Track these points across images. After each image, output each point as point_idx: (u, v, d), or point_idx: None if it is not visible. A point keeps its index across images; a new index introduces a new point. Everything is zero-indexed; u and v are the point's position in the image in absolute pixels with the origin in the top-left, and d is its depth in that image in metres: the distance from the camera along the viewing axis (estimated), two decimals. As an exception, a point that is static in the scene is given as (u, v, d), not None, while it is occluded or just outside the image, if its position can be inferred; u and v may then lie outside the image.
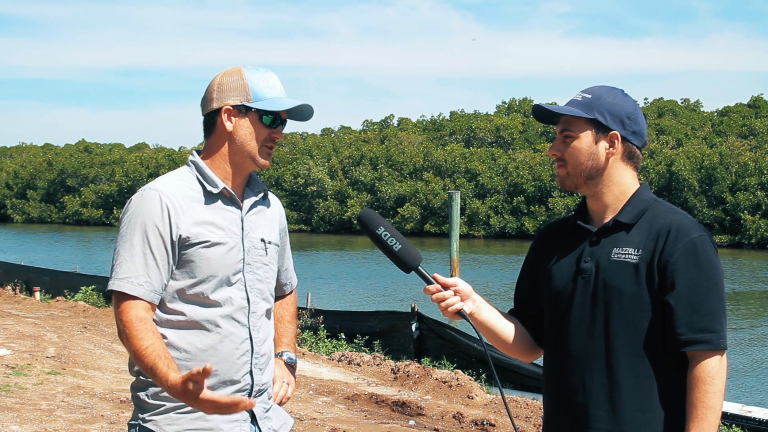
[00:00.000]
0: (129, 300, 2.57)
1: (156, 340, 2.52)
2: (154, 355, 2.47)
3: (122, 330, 2.56)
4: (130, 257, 2.59)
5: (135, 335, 2.51)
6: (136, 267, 2.58)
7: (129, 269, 2.58)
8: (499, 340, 2.68)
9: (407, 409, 8.81)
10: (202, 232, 2.64)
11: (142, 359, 2.49)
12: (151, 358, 2.47)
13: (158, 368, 2.46)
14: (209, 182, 2.70)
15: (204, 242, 2.63)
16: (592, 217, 2.60)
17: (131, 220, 2.62)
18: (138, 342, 2.50)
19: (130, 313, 2.55)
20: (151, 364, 2.47)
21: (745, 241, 51.96)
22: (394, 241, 2.55)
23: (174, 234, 2.61)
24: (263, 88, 2.70)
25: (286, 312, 3.05)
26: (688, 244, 2.43)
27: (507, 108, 79.42)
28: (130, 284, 2.57)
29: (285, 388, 2.93)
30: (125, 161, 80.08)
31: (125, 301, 2.57)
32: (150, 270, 2.59)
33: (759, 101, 70.84)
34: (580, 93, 2.58)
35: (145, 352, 2.49)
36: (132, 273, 2.58)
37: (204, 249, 2.63)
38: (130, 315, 2.55)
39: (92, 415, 7.55)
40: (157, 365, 2.46)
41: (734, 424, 9.13)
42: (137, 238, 2.60)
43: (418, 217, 62.25)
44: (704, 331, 2.39)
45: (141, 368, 2.54)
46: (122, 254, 2.61)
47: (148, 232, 2.60)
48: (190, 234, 2.62)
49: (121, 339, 2.57)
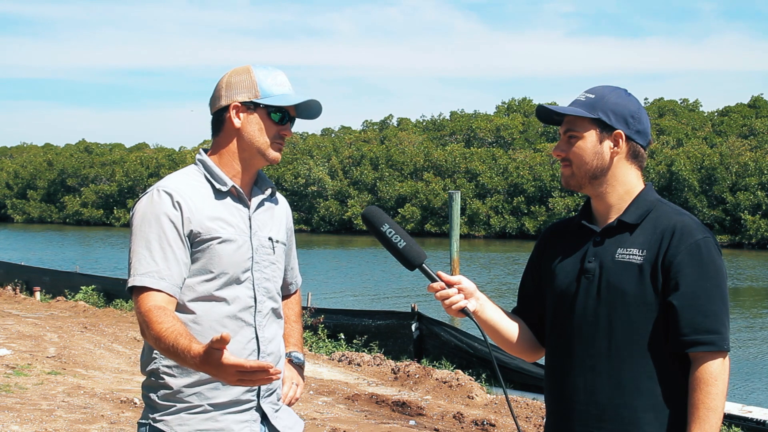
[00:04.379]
0: (149, 292, 2.54)
1: (176, 322, 2.47)
2: (175, 334, 2.42)
3: (142, 321, 2.52)
4: (149, 253, 2.57)
5: (155, 320, 2.47)
6: (156, 262, 2.56)
7: (149, 264, 2.56)
8: (502, 338, 2.67)
9: (407, 409, 8.81)
10: (213, 227, 2.63)
11: (163, 340, 2.43)
12: (172, 337, 2.41)
13: (180, 343, 2.39)
14: (217, 180, 2.69)
15: (215, 238, 2.63)
16: (597, 218, 2.59)
17: (145, 218, 2.60)
18: (158, 325, 2.46)
19: (149, 303, 2.52)
20: (173, 341, 2.41)
21: (746, 241, 51.98)
22: (399, 239, 2.54)
23: (186, 228, 2.60)
24: (271, 86, 2.70)
25: (292, 312, 3.04)
26: (692, 246, 2.42)
27: (507, 108, 79.40)
28: (152, 278, 2.55)
29: (294, 389, 2.92)
30: (125, 161, 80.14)
31: (145, 295, 2.54)
32: (170, 264, 2.57)
33: (759, 101, 70.83)
34: (584, 93, 2.58)
35: (166, 332, 2.43)
36: (153, 268, 2.56)
37: (215, 245, 2.63)
38: (149, 304, 2.52)
39: (92, 415, 7.55)
40: (178, 341, 2.40)
41: (734, 425, 9.12)
42: (153, 234, 2.58)
43: (418, 217, 62.26)
44: (707, 333, 2.39)
45: (162, 350, 2.47)
46: (139, 251, 2.58)
47: (164, 226, 2.58)
48: (202, 229, 2.62)
49: (143, 331, 2.53)
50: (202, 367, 2.34)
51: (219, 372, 2.30)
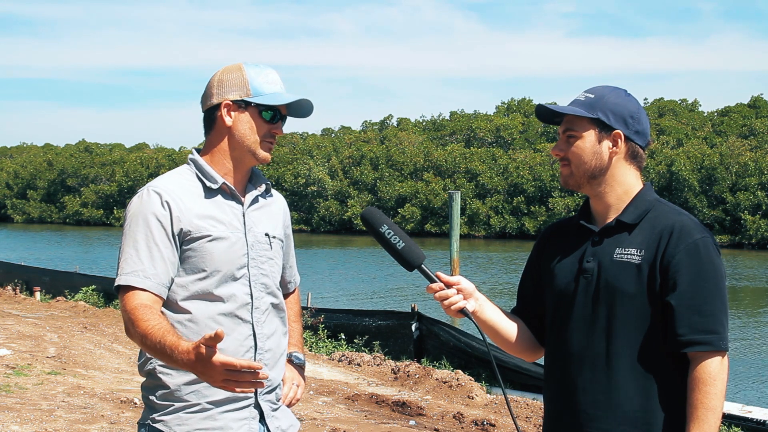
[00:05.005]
0: (134, 291, 2.55)
1: (163, 320, 2.47)
2: (162, 331, 2.41)
3: (127, 319, 2.52)
4: (135, 252, 2.58)
5: (140, 317, 2.47)
6: (142, 261, 2.57)
7: (135, 264, 2.57)
8: (501, 338, 2.68)
9: (407, 409, 8.81)
10: (203, 226, 2.64)
11: (149, 338, 2.42)
12: (158, 335, 2.41)
13: (167, 340, 2.38)
14: (208, 178, 2.70)
15: (206, 236, 2.63)
16: (595, 217, 2.60)
17: (134, 218, 2.62)
18: (143, 323, 2.45)
19: (134, 302, 2.53)
20: (159, 338, 2.40)
21: (746, 241, 51.97)
22: (398, 239, 2.54)
23: (176, 227, 2.61)
24: (263, 84, 2.70)
25: (291, 311, 3.02)
26: (691, 245, 2.42)
27: (507, 108, 79.39)
28: (137, 277, 2.55)
29: (294, 389, 2.91)
30: (125, 161, 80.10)
31: (131, 294, 2.55)
32: (156, 263, 2.57)
33: (759, 101, 70.80)
34: (583, 93, 2.58)
35: (152, 330, 2.43)
36: (138, 267, 2.56)
37: (206, 243, 2.63)
38: (134, 303, 2.52)
39: (92, 415, 7.55)
40: (165, 338, 2.39)
41: (734, 425, 9.12)
42: (141, 233, 2.59)
43: (418, 218, 62.25)
44: (705, 333, 2.39)
45: (149, 350, 2.47)
46: (127, 250, 2.60)
47: (151, 226, 2.59)
48: (192, 228, 2.62)
49: (128, 330, 2.53)
50: (189, 365, 2.33)
51: (206, 370, 2.28)
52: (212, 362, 2.25)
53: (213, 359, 2.25)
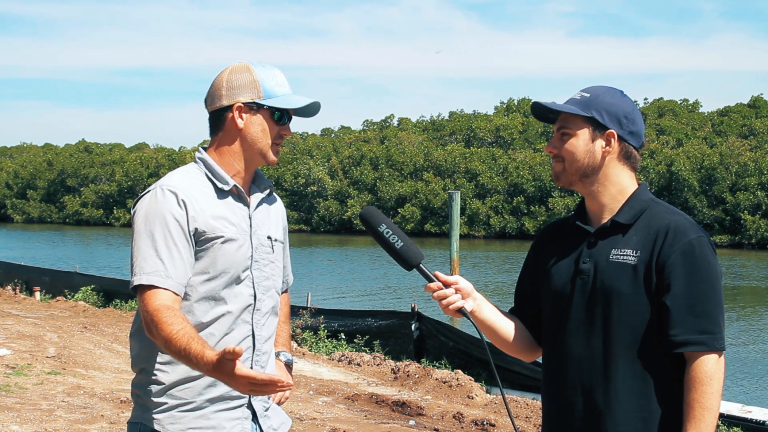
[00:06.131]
0: (156, 290, 2.54)
1: (186, 324, 2.47)
2: (186, 337, 2.42)
3: (149, 320, 2.50)
4: (155, 252, 2.56)
5: (164, 321, 2.46)
6: (162, 260, 2.56)
7: (155, 263, 2.55)
8: (499, 338, 2.69)
9: (407, 409, 8.81)
10: (217, 226, 2.64)
11: (174, 342, 2.43)
12: (183, 340, 2.42)
13: (192, 348, 2.40)
14: (219, 179, 2.69)
15: (219, 237, 2.63)
16: (591, 218, 2.60)
17: (149, 216, 2.60)
18: (168, 327, 2.45)
19: (156, 302, 2.52)
20: (184, 345, 2.41)
21: (745, 241, 51.93)
22: (396, 239, 2.55)
23: (191, 227, 2.60)
24: (273, 86, 2.70)
25: (281, 312, 3.02)
26: (686, 245, 2.43)
27: (506, 108, 79.36)
28: (159, 277, 2.54)
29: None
30: (125, 161, 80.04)
31: (151, 293, 2.53)
32: (176, 263, 2.57)
33: (759, 101, 70.78)
34: (579, 92, 2.59)
35: (177, 335, 2.43)
36: (159, 267, 2.55)
37: (219, 244, 2.63)
38: (156, 303, 2.51)
39: (92, 415, 7.56)
40: (190, 345, 2.40)
41: (734, 425, 9.12)
42: (158, 232, 2.58)
43: (418, 217, 62.23)
44: (700, 332, 2.39)
45: (172, 353, 2.47)
46: (144, 249, 2.57)
47: (169, 225, 2.58)
48: (207, 228, 2.62)
49: (150, 331, 2.52)
50: (215, 374, 2.37)
51: (231, 381, 2.34)
52: (235, 374, 2.31)
53: (236, 372, 2.30)
